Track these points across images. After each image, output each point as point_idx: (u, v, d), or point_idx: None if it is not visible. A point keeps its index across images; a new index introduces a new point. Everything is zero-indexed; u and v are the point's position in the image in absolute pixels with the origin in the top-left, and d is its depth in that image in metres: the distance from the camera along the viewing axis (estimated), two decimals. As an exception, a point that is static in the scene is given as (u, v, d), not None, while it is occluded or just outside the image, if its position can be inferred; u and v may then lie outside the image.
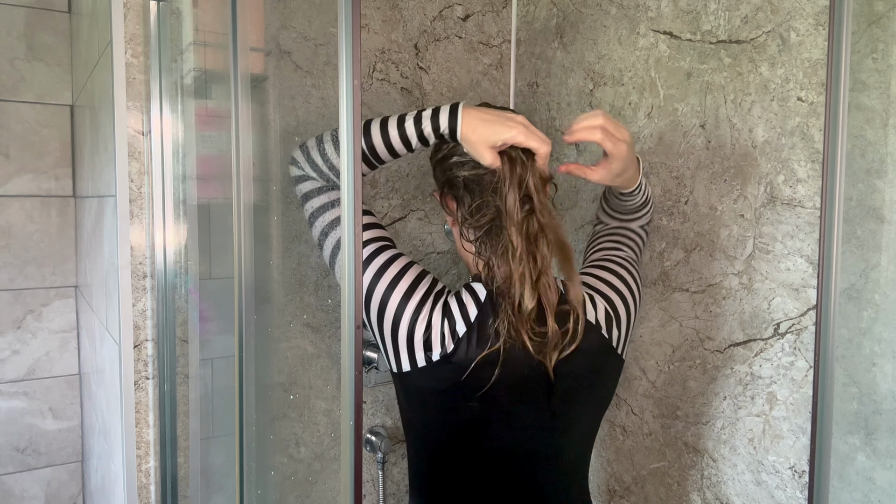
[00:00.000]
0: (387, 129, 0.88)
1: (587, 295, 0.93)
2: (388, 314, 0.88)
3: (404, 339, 0.87)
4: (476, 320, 0.86)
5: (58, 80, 1.76)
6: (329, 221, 0.92)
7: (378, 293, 0.88)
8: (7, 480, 1.79)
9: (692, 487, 1.13)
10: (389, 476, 1.39)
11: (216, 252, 1.16)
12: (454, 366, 0.85)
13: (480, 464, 0.91)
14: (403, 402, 0.96)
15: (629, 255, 1.03)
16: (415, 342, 0.87)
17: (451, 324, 0.86)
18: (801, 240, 0.95)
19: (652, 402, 1.19)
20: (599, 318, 0.91)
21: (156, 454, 1.14)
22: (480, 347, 0.85)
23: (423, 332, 0.86)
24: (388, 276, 0.89)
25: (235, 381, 0.85)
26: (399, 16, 1.32)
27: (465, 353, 0.85)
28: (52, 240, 1.79)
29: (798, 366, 0.97)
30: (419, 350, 0.87)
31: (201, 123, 1.13)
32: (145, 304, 1.12)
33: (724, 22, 1.04)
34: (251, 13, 1.06)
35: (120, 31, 1.09)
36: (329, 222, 0.92)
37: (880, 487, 0.88)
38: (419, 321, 0.86)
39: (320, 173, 0.92)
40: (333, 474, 1.31)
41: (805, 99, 0.94)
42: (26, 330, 1.78)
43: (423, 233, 1.38)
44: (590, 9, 1.28)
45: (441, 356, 0.86)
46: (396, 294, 0.87)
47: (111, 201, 1.17)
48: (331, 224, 0.92)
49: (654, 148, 1.16)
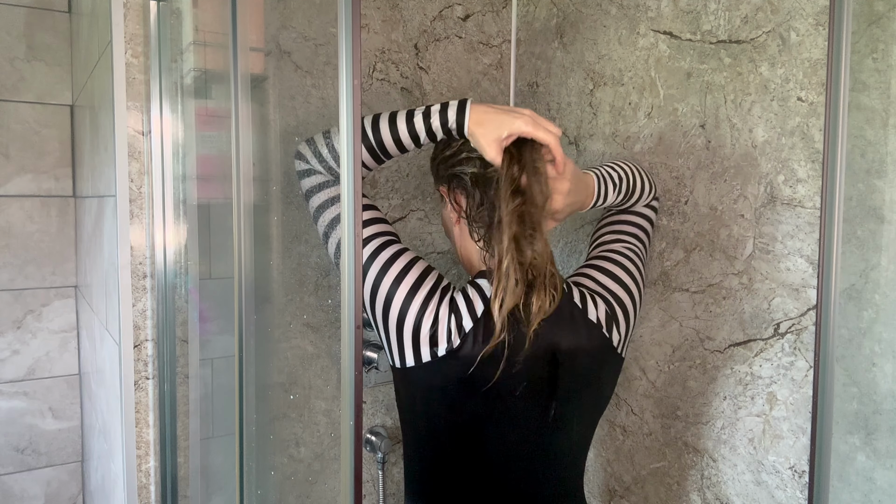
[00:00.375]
0: (395, 124, 0.88)
1: (588, 293, 0.93)
2: (393, 308, 0.88)
3: (410, 333, 0.87)
4: (482, 315, 0.86)
5: (58, 80, 1.76)
6: (335, 216, 0.92)
7: (384, 287, 0.88)
8: (7, 480, 1.79)
9: (692, 487, 1.13)
10: (389, 476, 1.39)
11: (216, 252, 1.16)
12: (460, 361, 0.85)
13: (481, 462, 0.91)
14: (405, 400, 0.95)
15: (631, 244, 1.02)
16: (421, 337, 0.86)
17: (458, 319, 0.86)
18: (801, 240, 0.95)
19: (652, 402, 1.19)
20: (600, 317, 0.91)
21: (156, 454, 1.14)
22: (486, 342, 0.85)
23: (429, 326, 0.86)
24: (394, 270, 0.88)
25: (235, 381, 0.85)
26: (399, 16, 1.32)
27: (472, 349, 0.85)
28: (52, 240, 1.79)
29: (798, 366, 0.97)
30: (425, 345, 0.87)
31: (201, 123, 1.13)
32: (145, 304, 1.12)
33: (724, 22, 1.04)
34: (251, 13, 1.06)
35: (120, 31, 1.09)
36: (334, 217, 0.92)
37: (880, 487, 0.88)
38: (426, 315, 0.86)
39: (328, 168, 0.92)
40: (333, 474, 1.31)
41: (805, 99, 0.94)
42: (26, 330, 1.78)
43: (423, 233, 1.38)
44: (590, 9, 1.28)
45: (447, 351, 0.86)
46: (402, 288, 0.87)
47: (111, 201, 1.17)
48: (336, 219, 0.92)
49: (654, 148, 1.16)
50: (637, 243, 1.04)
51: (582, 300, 0.92)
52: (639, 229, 1.06)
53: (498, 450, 0.91)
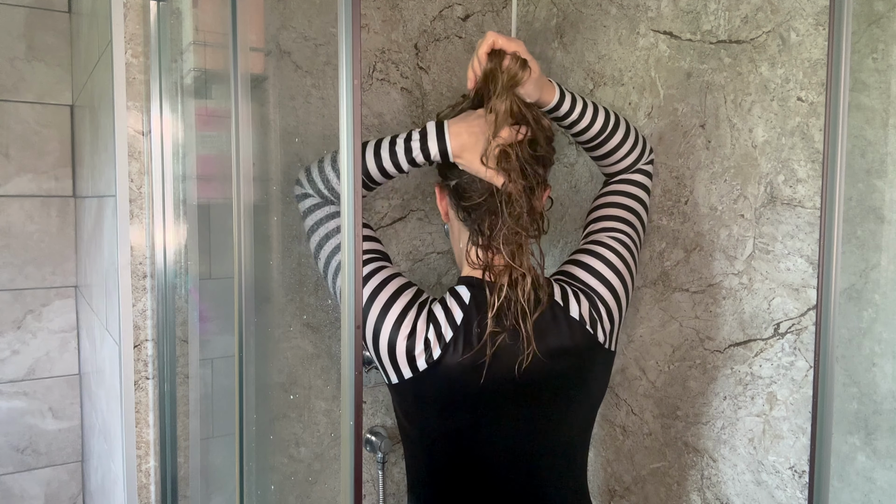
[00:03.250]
0: (379, 155, 0.91)
1: (570, 290, 0.93)
2: (368, 327, 0.88)
3: (386, 350, 0.87)
4: (462, 323, 0.87)
5: (58, 80, 1.76)
6: (324, 234, 0.95)
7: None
8: (7, 480, 1.79)
9: (692, 487, 1.13)
10: (389, 476, 1.39)
11: (216, 252, 1.16)
12: (444, 370, 0.86)
13: (478, 466, 0.91)
14: (400, 413, 0.96)
15: (618, 232, 0.99)
16: (397, 353, 0.87)
17: (438, 329, 0.86)
18: (801, 240, 0.95)
19: (652, 402, 1.19)
20: (583, 313, 0.91)
21: (156, 454, 1.14)
22: (467, 349, 0.85)
23: (405, 341, 0.86)
24: (367, 289, 0.89)
25: (235, 381, 0.85)
26: (399, 16, 1.32)
27: (454, 357, 0.85)
28: (52, 240, 1.79)
29: (798, 366, 0.97)
30: (403, 361, 0.87)
31: (201, 123, 1.13)
32: (145, 304, 1.12)
33: (724, 22, 1.04)
34: (251, 13, 1.06)
35: (120, 31, 1.09)
36: (324, 235, 0.95)
37: (880, 487, 0.88)
38: (401, 331, 0.87)
39: (318, 191, 0.96)
40: (333, 474, 1.31)
41: (805, 99, 0.94)
42: (26, 330, 1.78)
43: (423, 233, 1.38)
44: (590, 9, 1.28)
45: (428, 363, 0.86)
46: (376, 307, 0.88)
47: (111, 201, 1.17)
48: (326, 236, 0.95)
49: (654, 148, 1.16)
50: (626, 228, 1.00)
51: (563, 297, 0.91)
52: (629, 212, 1.02)
53: (494, 453, 0.91)
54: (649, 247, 1.18)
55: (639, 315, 1.20)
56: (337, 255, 0.93)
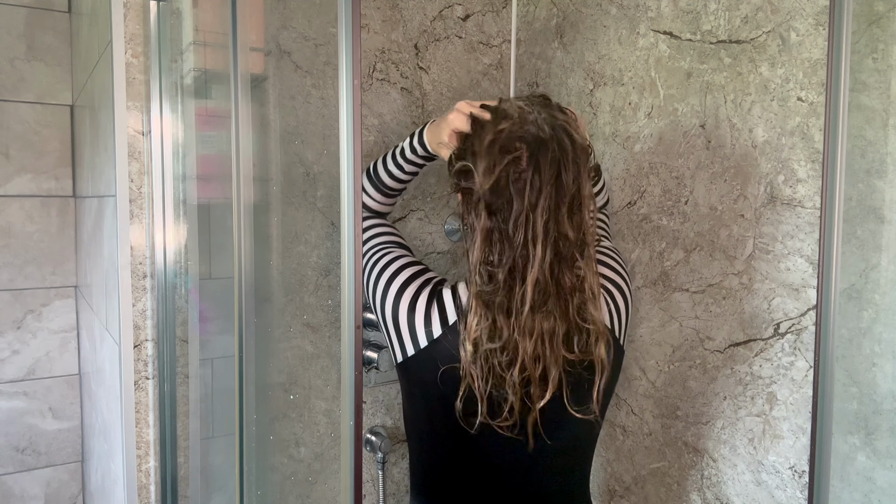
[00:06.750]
0: (386, 164, 1.03)
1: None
2: (388, 302, 0.91)
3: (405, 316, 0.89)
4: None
5: (58, 80, 1.76)
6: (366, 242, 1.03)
7: (380, 287, 0.93)
8: (7, 480, 1.79)
9: (692, 487, 1.13)
10: (389, 476, 1.39)
11: (216, 252, 1.16)
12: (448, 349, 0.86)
13: (481, 460, 0.91)
14: (406, 397, 0.96)
15: (606, 244, 1.03)
16: (416, 317, 0.89)
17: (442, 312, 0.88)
18: (801, 240, 0.95)
19: (652, 402, 1.19)
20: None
21: (156, 454, 1.14)
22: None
23: (424, 308, 0.89)
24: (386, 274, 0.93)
25: (235, 381, 0.85)
26: (399, 16, 1.32)
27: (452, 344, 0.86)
28: (52, 240, 1.79)
29: (798, 366, 0.97)
30: (420, 327, 0.88)
31: (201, 123, 1.13)
32: (145, 304, 1.12)
33: (724, 22, 1.04)
34: (251, 13, 1.06)
35: (120, 31, 1.09)
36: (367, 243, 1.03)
37: (880, 487, 0.88)
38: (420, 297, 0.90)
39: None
40: (333, 474, 1.31)
41: (805, 99, 0.94)
42: (26, 330, 1.78)
43: (423, 233, 1.38)
44: (590, 9, 1.28)
45: (439, 335, 0.87)
46: (398, 281, 0.92)
47: (111, 201, 1.17)
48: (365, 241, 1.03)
49: (654, 148, 1.16)
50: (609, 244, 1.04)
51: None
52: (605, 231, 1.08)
53: (497, 447, 0.90)
54: (649, 247, 1.18)
55: (639, 315, 1.20)
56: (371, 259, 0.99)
